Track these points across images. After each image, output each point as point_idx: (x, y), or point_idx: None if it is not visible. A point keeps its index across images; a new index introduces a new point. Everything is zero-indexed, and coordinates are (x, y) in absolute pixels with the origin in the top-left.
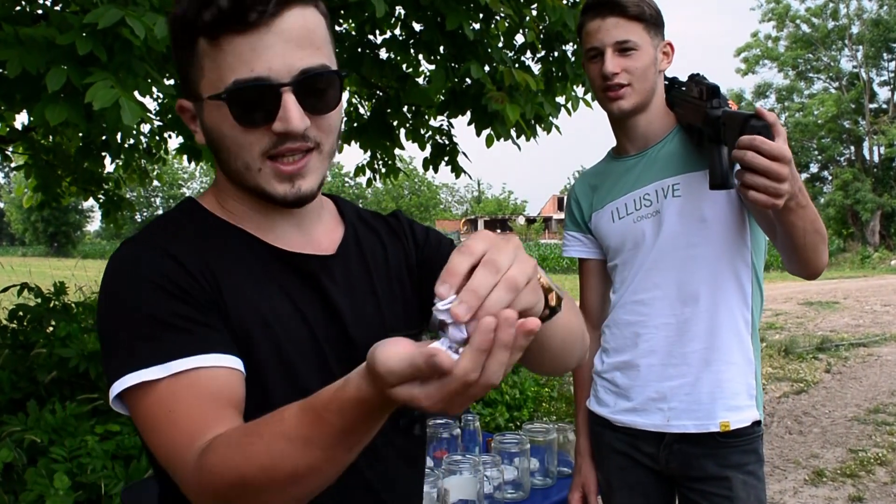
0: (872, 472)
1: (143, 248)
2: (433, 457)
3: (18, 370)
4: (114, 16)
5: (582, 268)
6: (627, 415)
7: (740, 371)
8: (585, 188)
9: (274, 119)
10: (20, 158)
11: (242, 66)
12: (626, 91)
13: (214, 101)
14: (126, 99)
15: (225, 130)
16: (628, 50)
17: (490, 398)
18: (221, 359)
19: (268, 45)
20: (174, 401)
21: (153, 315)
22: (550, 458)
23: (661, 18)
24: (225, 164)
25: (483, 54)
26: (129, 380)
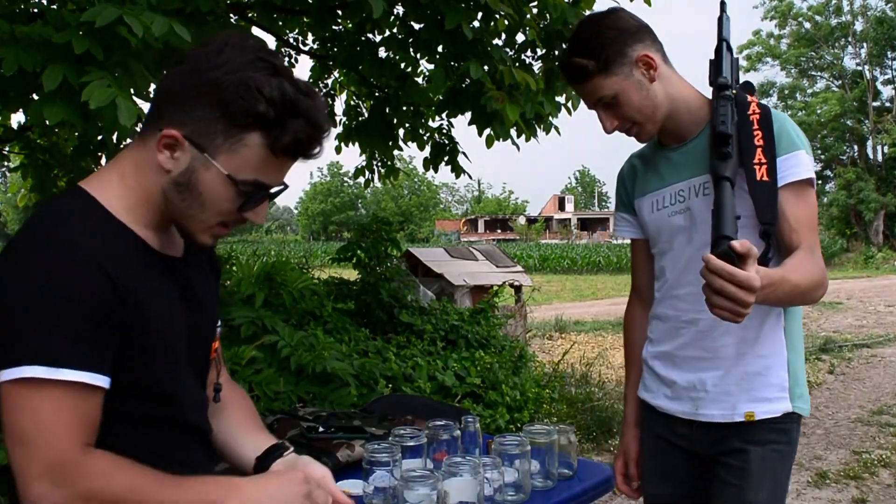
0: (876, 474)
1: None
2: (433, 459)
3: None
4: (111, 14)
5: (633, 247)
6: (665, 400)
7: (772, 364)
8: (631, 171)
9: (249, 210)
10: (16, 158)
11: (265, 175)
12: (636, 129)
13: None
14: (123, 98)
15: (209, 192)
16: (608, 102)
17: (490, 400)
18: (102, 380)
19: (288, 169)
20: (61, 402)
21: (73, 323)
22: (551, 459)
23: (621, 41)
24: (178, 200)
25: (483, 53)
26: (28, 371)
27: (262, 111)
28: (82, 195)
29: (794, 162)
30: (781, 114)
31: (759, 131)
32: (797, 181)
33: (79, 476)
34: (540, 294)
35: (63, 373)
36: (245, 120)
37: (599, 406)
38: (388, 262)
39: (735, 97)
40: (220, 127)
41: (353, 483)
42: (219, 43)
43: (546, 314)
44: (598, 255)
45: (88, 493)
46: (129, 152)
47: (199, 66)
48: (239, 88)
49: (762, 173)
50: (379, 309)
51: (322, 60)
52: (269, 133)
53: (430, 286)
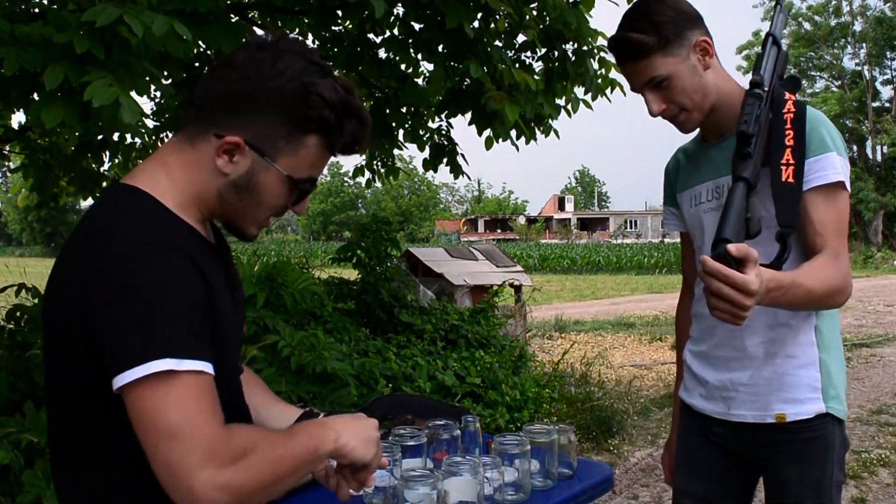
0: (875, 474)
1: (177, 255)
2: (433, 458)
3: (16, 371)
4: (112, 14)
5: (681, 240)
6: (700, 400)
7: (802, 365)
8: (675, 165)
9: (297, 203)
10: (17, 158)
11: (317, 170)
12: (682, 116)
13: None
14: (125, 97)
15: (267, 192)
16: (660, 83)
17: (490, 399)
18: (211, 368)
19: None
20: (197, 389)
21: (187, 319)
22: (551, 459)
23: (682, 22)
24: (235, 200)
25: (483, 53)
26: (162, 365)
27: (325, 116)
28: (140, 193)
29: (824, 164)
30: (817, 114)
31: (791, 131)
32: (825, 184)
33: (235, 451)
34: (540, 294)
35: (188, 363)
36: (308, 125)
37: (599, 406)
38: (389, 261)
39: (770, 94)
40: (283, 132)
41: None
42: (271, 49)
43: (546, 314)
44: (598, 254)
45: (243, 466)
46: (175, 151)
47: (258, 74)
48: (301, 96)
49: (788, 174)
50: (379, 309)
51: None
52: (330, 135)
53: (430, 286)
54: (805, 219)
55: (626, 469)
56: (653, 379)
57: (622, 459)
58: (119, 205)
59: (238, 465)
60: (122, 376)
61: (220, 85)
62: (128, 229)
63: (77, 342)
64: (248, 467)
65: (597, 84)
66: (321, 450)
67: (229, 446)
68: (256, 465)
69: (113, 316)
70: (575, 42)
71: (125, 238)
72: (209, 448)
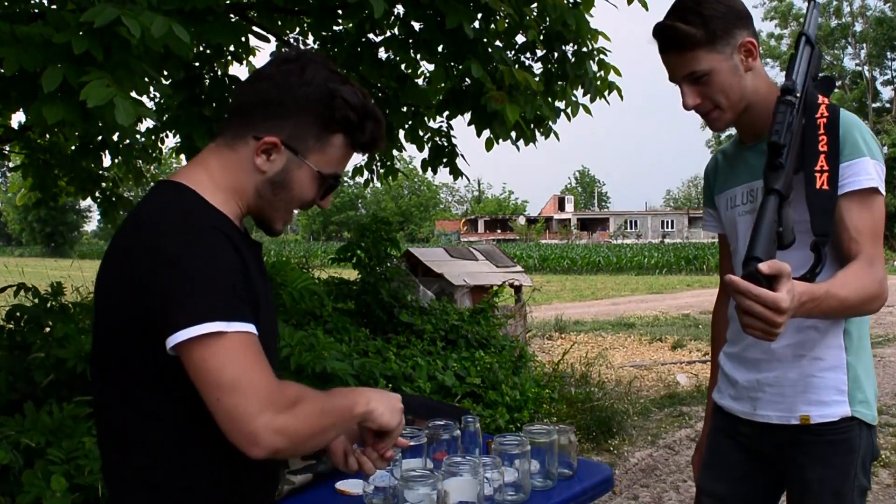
0: (876, 475)
1: (217, 232)
2: (433, 458)
3: (15, 371)
4: (110, 14)
5: (719, 242)
6: (729, 400)
7: (828, 367)
8: (714, 167)
9: (323, 198)
10: (17, 158)
11: (341, 167)
12: (715, 114)
13: (314, 171)
14: (121, 98)
15: (300, 187)
16: (699, 78)
17: (490, 399)
18: (254, 328)
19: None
20: (246, 347)
21: (230, 285)
22: (551, 459)
23: (731, 19)
24: (270, 195)
25: (483, 53)
26: (214, 327)
27: (349, 117)
28: (184, 187)
29: (857, 169)
30: (851, 117)
31: (825, 136)
32: (860, 189)
33: (287, 400)
34: (540, 294)
35: (235, 325)
36: (334, 125)
37: (599, 406)
38: (388, 262)
39: (805, 99)
40: (313, 132)
41: (354, 483)
42: (297, 61)
43: (546, 314)
44: (598, 255)
45: (294, 413)
46: (215, 155)
47: (287, 83)
48: (327, 100)
49: (822, 181)
50: (379, 309)
51: None
52: (352, 135)
53: (430, 286)
54: (839, 225)
55: (626, 469)
56: (653, 379)
57: (622, 460)
58: (165, 195)
59: (291, 412)
60: (176, 335)
61: (254, 94)
62: (174, 212)
63: (131, 314)
64: (299, 414)
65: (596, 86)
66: (355, 410)
67: (282, 395)
68: (306, 413)
69: (165, 285)
70: (574, 43)
71: (173, 219)
72: (266, 396)
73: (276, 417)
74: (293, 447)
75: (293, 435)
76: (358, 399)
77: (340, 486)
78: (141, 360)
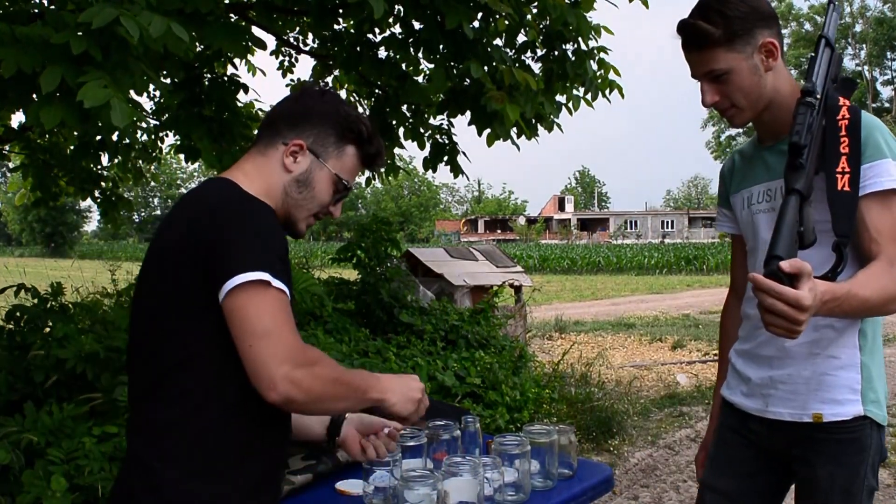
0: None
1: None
2: (433, 458)
3: (15, 371)
4: (108, 15)
5: (732, 242)
6: (740, 397)
7: (843, 366)
8: (731, 166)
9: (337, 204)
10: (17, 158)
11: (351, 178)
12: (733, 112)
13: (332, 173)
14: (118, 100)
15: (320, 187)
16: (719, 76)
17: (490, 400)
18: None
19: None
20: (285, 305)
21: (280, 253)
22: (551, 459)
23: (753, 20)
24: (296, 193)
25: (483, 53)
26: (263, 276)
27: (361, 129)
28: (234, 183)
29: (879, 171)
30: (872, 119)
31: (847, 138)
32: (882, 191)
33: (307, 359)
34: (540, 294)
35: (278, 283)
36: (350, 135)
37: (599, 406)
38: (389, 262)
39: (826, 101)
40: (332, 140)
41: (353, 483)
42: (316, 90)
43: (546, 314)
44: (598, 255)
45: (312, 372)
46: (249, 161)
47: (310, 101)
48: (343, 115)
49: (844, 183)
50: (379, 309)
51: (322, 60)
52: (362, 146)
53: (430, 286)
54: (860, 225)
55: (626, 469)
56: (653, 379)
57: (622, 460)
58: (218, 182)
59: (308, 369)
60: (231, 281)
61: (282, 112)
62: (234, 191)
63: (194, 271)
64: (316, 374)
65: (596, 85)
66: (368, 394)
67: (304, 353)
68: (321, 375)
69: (228, 240)
70: (574, 43)
71: (234, 195)
72: (290, 349)
73: (295, 370)
74: (305, 401)
75: (307, 390)
76: (374, 384)
77: (340, 486)
78: (195, 313)
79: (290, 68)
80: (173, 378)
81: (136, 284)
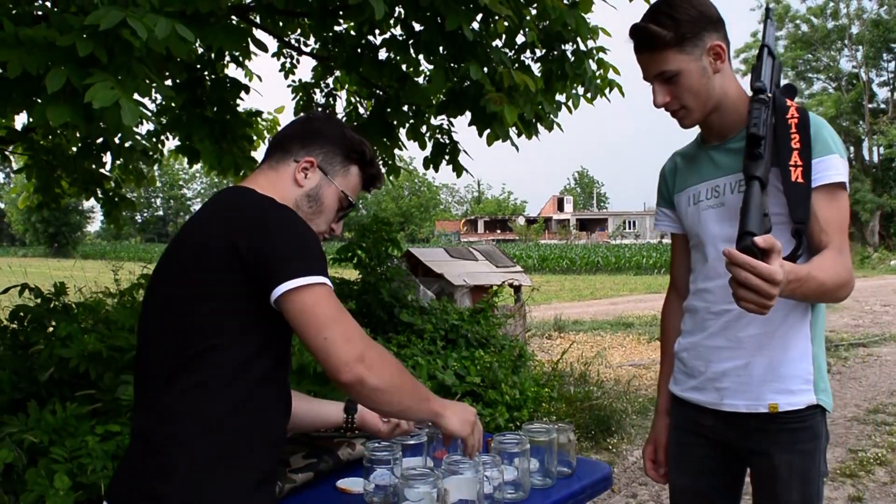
0: (872, 472)
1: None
2: (433, 457)
3: (19, 370)
4: (115, 17)
5: (672, 242)
6: (691, 392)
7: (796, 356)
8: (672, 167)
9: (339, 220)
10: (20, 160)
11: (355, 196)
12: (683, 113)
13: (339, 190)
14: (126, 100)
15: (328, 202)
16: (670, 77)
17: (490, 398)
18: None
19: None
20: (337, 301)
21: (321, 251)
22: (550, 458)
23: (701, 23)
24: (306, 207)
25: (482, 55)
26: (317, 279)
27: (364, 151)
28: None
29: (827, 165)
30: (819, 118)
31: (797, 135)
32: (829, 184)
33: (373, 343)
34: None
35: (328, 281)
36: (354, 156)
37: (598, 405)
38: (389, 262)
39: (774, 101)
40: (338, 159)
41: (354, 481)
42: (324, 114)
43: (545, 314)
44: (597, 255)
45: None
46: (262, 175)
47: (317, 124)
48: (348, 138)
49: (797, 175)
50: (380, 308)
51: (323, 61)
52: (364, 168)
53: (430, 286)
54: (811, 216)
55: (625, 468)
56: (651, 378)
57: (621, 458)
58: (242, 189)
59: (378, 352)
60: (285, 284)
61: (293, 131)
62: (261, 196)
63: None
64: (385, 359)
65: (596, 84)
66: (430, 403)
67: (371, 340)
68: (390, 361)
69: (274, 247)
70: (573, 43)
71: (264, 199)
72: (360, 334)
73: (368, 351)
74: (375, 385)
75: (378, 373)
76: (437, 400)
77: (341, 484)
78: (226, 312)
79: (292, 70)
80: (193, 368)
81: (156, 276)
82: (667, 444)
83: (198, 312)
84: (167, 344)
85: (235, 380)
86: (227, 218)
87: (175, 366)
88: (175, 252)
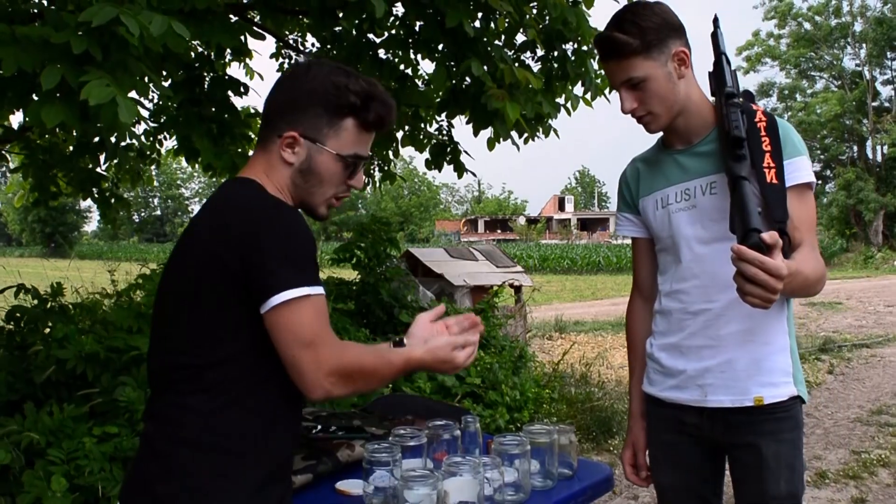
0: (875, 474)
1: (295, 211)
2: (433, 458)
3: (15, 372)
4: (108, 14)
5: (634, 246)
6: (672, 391)
7: (776, 350)
8: (635, 173)
9: (354, 177)
10: (16, 159)
11: (360, 148)
12: (649, 119)
13: (334, 154)
14: (122, 97)
15: (325, 170)
16: (637, 84)
17: (490, 400)
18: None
19: (371, 140)
20: (322, 309)
21: (312, 254)
22: (551, 459)
23: (665, 30)
24: (303, 183)
25: (483, 52)
26: (304, 291)
27: (352, 101)
28: (257, 183)
29: (797, 166)
30: (784, 121)
31: (767, 137)
32: (800, 184)
33: (344, 365)
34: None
35: (316, 289)
36: (342, 111)
37: (599, 406)
38: (388, 262)
39: (741, 106)
40: (325, 120)
41: (354, 483)
42: (304, 66)
43: (546, 314)
44: (598, 255)
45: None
46: (258, 159)
47: (295, 82)
48: (331, 89)
49: (771, 176)
50: (379, 309)
51: None
52: (359, 116)
53: (430, 286)
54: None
55: None
56: None
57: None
58: (243, 185)
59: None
60: (275, 298)
61: (273, 102)
62: (259, 197)
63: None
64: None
65: (596, 84)
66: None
67: (341, 359)
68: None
69: (261, 254)
70: (575, 42)
71: (260, 203)
72: (329, 359)
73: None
74: (344, 395)
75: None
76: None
77: (340, 486)
78: (230, 319)
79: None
80: (194, 371)
81: (162, 278)
82: (645, 446)
83: (197, 316)
84: (169, 346)
85: (237, 381)
86: (220, 226)
87: (176, 368)
88: (176, 255)
